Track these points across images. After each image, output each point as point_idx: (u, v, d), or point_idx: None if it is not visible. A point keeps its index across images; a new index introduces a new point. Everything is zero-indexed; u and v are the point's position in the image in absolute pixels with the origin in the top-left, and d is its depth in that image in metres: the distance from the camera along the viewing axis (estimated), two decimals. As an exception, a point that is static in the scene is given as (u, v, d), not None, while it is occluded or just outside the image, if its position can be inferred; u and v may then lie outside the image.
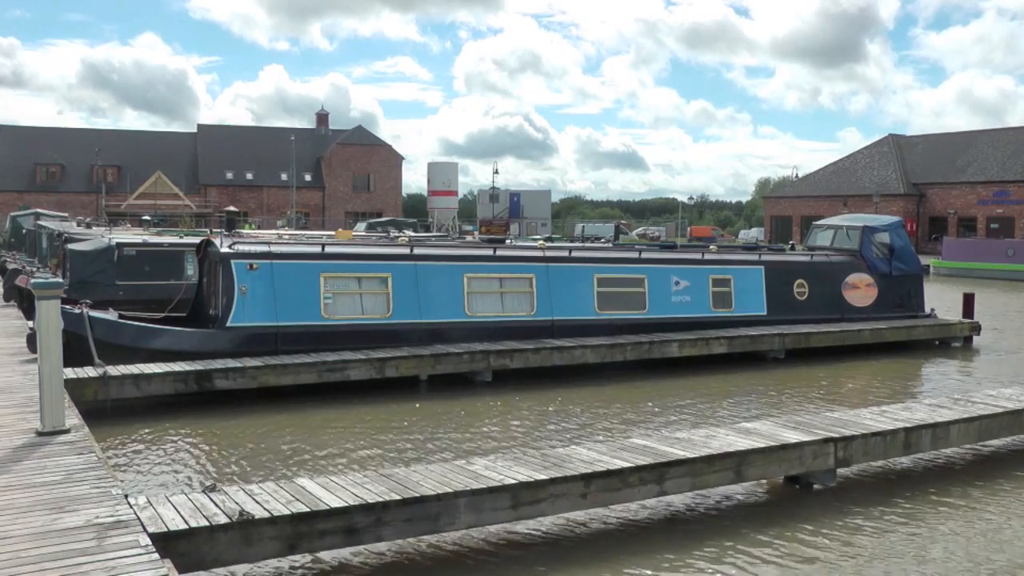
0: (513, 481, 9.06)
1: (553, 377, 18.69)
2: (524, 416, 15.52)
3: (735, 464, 10.37)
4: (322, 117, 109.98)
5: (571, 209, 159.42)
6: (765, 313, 22.85)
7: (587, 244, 30.47)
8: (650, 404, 16.72)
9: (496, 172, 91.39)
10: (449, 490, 8.74)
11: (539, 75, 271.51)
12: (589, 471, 9.47)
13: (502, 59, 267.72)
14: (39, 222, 41.09)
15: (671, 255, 22.51)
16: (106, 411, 14.58)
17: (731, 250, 25.52)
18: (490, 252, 20.25)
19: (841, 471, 11.63)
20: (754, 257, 23.51)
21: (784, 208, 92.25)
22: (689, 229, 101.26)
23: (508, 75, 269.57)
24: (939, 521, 10.27)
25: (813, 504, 10.71)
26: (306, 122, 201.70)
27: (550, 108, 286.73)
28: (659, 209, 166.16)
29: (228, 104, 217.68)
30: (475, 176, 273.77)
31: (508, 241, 27.19)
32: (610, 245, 31.87)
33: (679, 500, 10.61)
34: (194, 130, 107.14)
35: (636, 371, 19.58)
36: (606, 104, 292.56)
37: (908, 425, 11.96)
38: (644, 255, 22.03)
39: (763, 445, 10.69)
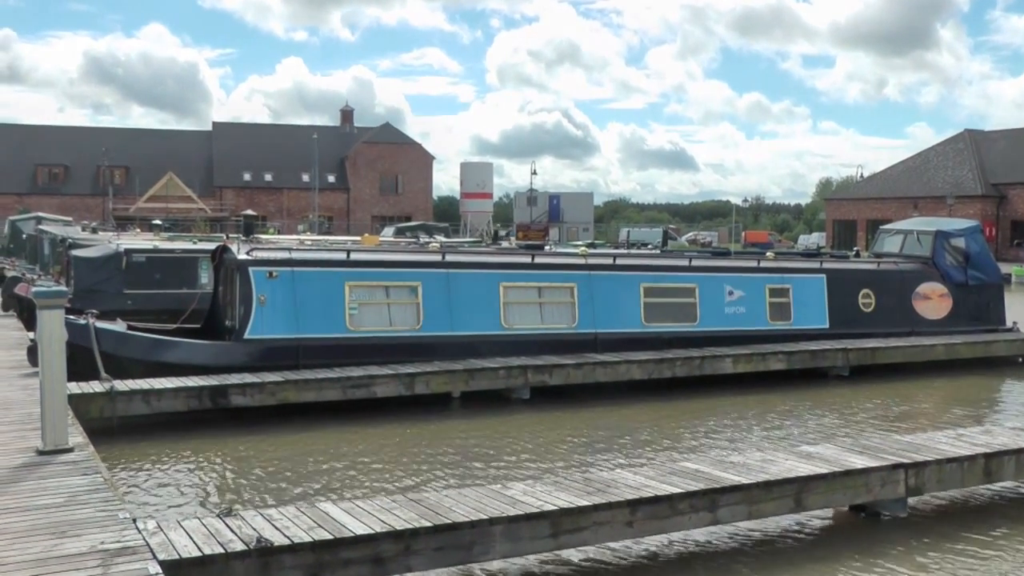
0: (553, 507, 9.03)
1: (596, 395, 18.63)
2: (565, 437, 15.48)
3: (795, 491, 10.28)
4: (347, 114, 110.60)
5: (615, 213, 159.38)
6: (827, 326, 22.68)
7: (633, 251, 30.40)
8: (701, 425, 16.63)
9: (534, 173, 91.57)
10: (484, 516, 8.71)
11: (578, 67, 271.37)
12: (635, 497, 9.42)
13: (538, 50, 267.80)
14: (40, 227, 41.56)
15: (724, 262, 22.42)
16: (113, 429, 14.66)
17: (790, 257, 25.37)
18: (528, 259, 20.25)
19: (912, 500, 11.49)
20: (815, 265, 23.35)
21: (848, 211, 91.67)
22: (743, 234, 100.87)
23: (545, 67, 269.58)
24: (1022, 560, 10.12)
25: (881, 536, 10.59)
26: (327, 119, 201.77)
27: (590, 103, 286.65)
28: (710, 212, 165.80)
29: (243, 100, 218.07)
30: (511, 177, 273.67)
31: (547, 247, 27.19)
32: (658, 252, 31.78)
33: (733, 530, 10.53)
34: (208, 128, 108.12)
35: (686, 389, 19.49)
36: (651, 98, 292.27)
37: (988, 451, 11.79)
38: (695, 262, 21.95)
39: (826, 471, 10.59)
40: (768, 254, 24.64)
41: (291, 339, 17.44)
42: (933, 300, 24.42)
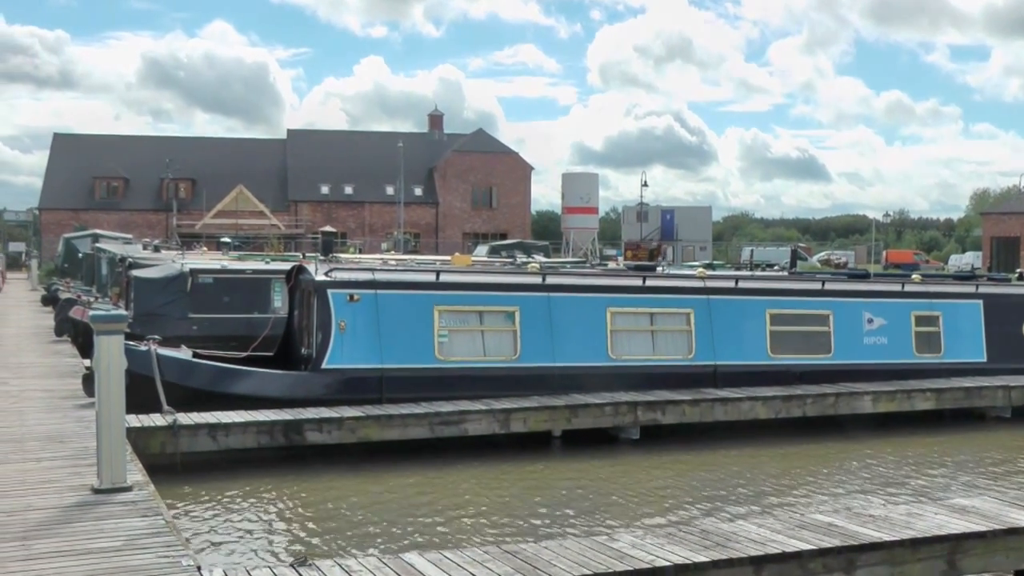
0: (666, 563, 8.95)
1: (715, 435, 18.49)
2: (679, 482, 15.37)
3: (947, 551, 10.05)
4: (435, 119, 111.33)
5: (736, 229, 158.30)
6: (984, 360, 22.23)
7: (757, 272, 30.13)
8: (836, 472, 16.40)
9: (644, 185, 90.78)
10: (587, 572, 8.67)
11: (691, 64, 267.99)
12: (760, 553, 9.29)
13: (645, 45, 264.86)
14: (98, 245, 42.59)
15: (862, 286, 22.12)
16: (175, 467, 14.93)
17: (940, 280, 24.94)
18: (638, 282, 20.19)
19: (1087, 562, 11.15)
20: (970, 289, 22.93)
21: (1008, 227, 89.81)
22: (884, 254, 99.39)
23: (653, 65, 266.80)
24: None
25: (1049, 603, 10.31)
26: (412, 125, 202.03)
27: (706, 105, 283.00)
28: (846, 229, 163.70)
29: (318, 104, 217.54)
30: (617, 189, 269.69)
31: (660, 268, 27.07)
32: (785, 273, 31.47)
33: (875, 592, 10.33)
34: (281, 136, 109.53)
35: (819, 430, 19.24)
36: (775, 99, 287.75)
37: None
38: (828, 286, 21.71)
39: (984, 528, 10.34)
40: (914, 276, 24.26)
41: (373, 369, 17.59)
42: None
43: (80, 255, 47.19)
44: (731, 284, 20.86)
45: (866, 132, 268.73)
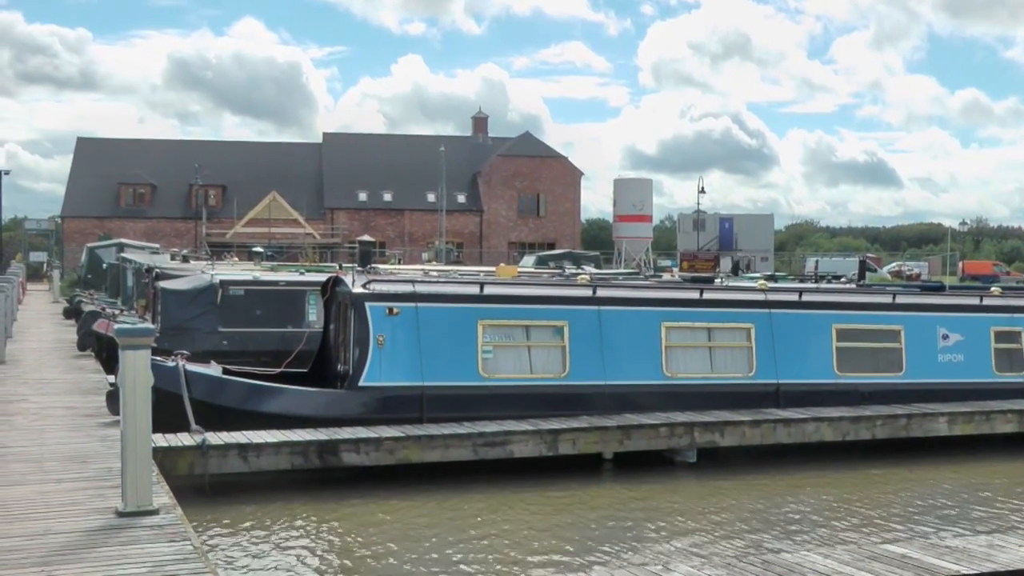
0: (726, 595, 8.90)
1: (777, 459, 18.40)
2: (738, 509, 15.30)
3: (1030, 582, 9.95)
4: (479, 122, 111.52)
5: (800, 238, 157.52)
6: (1070, 379, 21.98)
7: (823, 284, 29.97)
8: (909, 499, 16.27)
9: (701, 191, 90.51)
10: (641, 604, 8.64)
11: (749, 62, 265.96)
12: (828, 585, 9.24)
13: (700, 42, 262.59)
14: (123, 254, 42.92)
15: (937, 300, 21.98)
16: (204, 489, 15.02)
17: (1021, 293, 24.69)
18: (695, 295, 20.14)
19: None
20: (1053, 303, 22.67)
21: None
22: (961, 265, 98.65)
23: (709, 63, 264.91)
24: None
25: None
26: (453, 127, 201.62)
27: (766, 106, 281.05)
28: (918, 238, 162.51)
29: (354, 106, 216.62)
30: (672, 196, 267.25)
31: (718, 280, 26.99)
32: (853, 286, 31.28)
33: (951, 629, 10.24)
34: (315, 140, 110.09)
35: (889, 453, 19.11)
36: (840, 99, 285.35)
37: None
38: (900, 299, 21.54)
39: (1069, 558, 10.23)
40: (993, 289, 24.08)
41: (414, 387, 17.62)
42: None
43: (104, 265, 47.57)
44: (795, 297, 20.74)
45: (940, 134, 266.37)
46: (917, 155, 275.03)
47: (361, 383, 17.56)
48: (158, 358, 15.59)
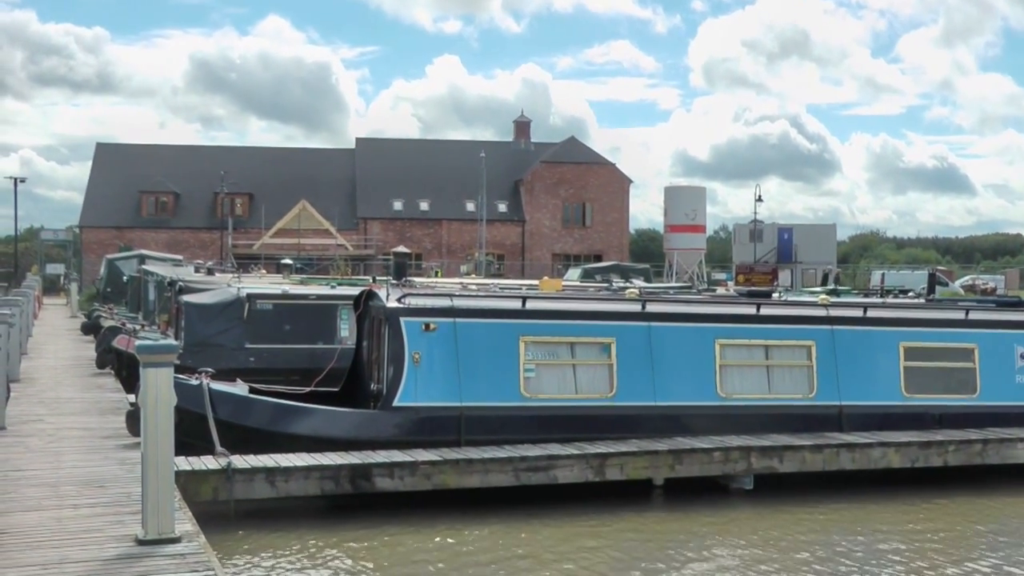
0: (785, 631, 8.86)
1: (841, 486, 18.33)
2: (799, 541, 15.24)
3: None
4: (522, 126, 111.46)
5: (865, 250, 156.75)
6: None
7: (889, 299, 29.81)
8: (986, 532, 16.16)
9: (758, 199, 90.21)
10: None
11: (808, 61, 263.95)
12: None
13: (755, 40, 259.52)
14: (144, 267, 43.18)
15: (1015, 316, 21.78)
16: (229, 515, 15.08)
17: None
18: (752, 310, 20.07)
19: None
20: None
21: None
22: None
23: (765, 63, 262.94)
24: None
25: None
26: (492, 132, 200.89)
27: (827, 108, 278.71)
28: (993, 250, 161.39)
29: (387, 110, 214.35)
30: (726, 205, 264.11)
31: (777, 295, 26.89)
32: (922, 301, 31.10)
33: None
34: (348, 145, 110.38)
35: (963, 482, 18.96)
36: (907, 100, 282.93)
37: None
38: (973, 315, 21.38)
39: None
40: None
41: (451, 408, 17.62)
42: None
43: (125, 278, 47.90)
44: (859, 313, 20.61)
45: (1016, 137, 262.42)
46: (991, 160, 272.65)
47: (395, 403, 17.57)
48: (181, 376, 15.66)
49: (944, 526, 16.29)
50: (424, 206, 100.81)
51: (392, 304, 18.15)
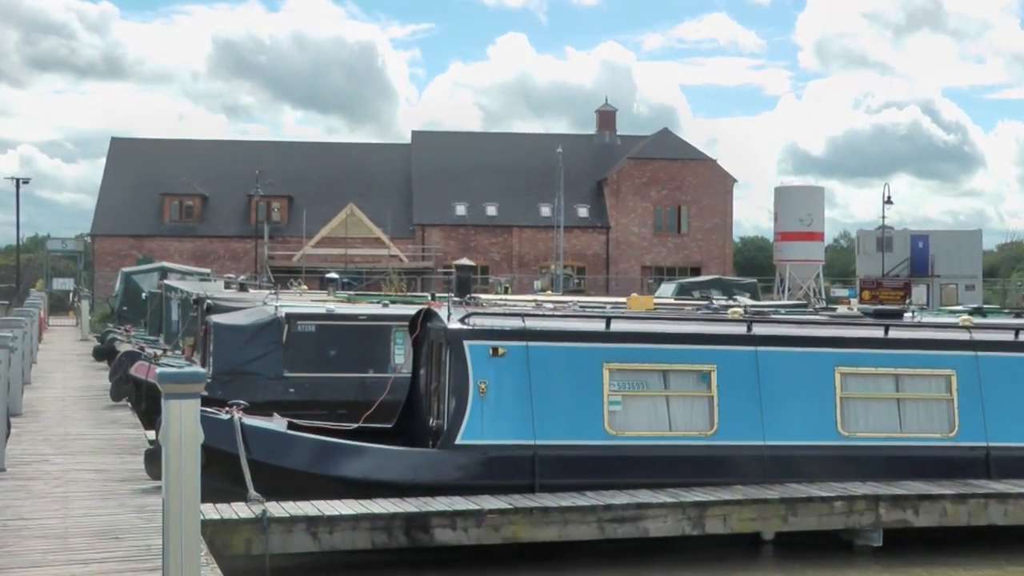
0: None
1: (989, 544, 18.16)
2: (937, 607, 15.12)
3: None
4: (606, 116, 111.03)
5: (1017, 261, 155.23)
6: None
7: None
8: None
9: (887, 201, 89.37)
10: None
11: (942, 35, 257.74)
12: None
13: (878, 11, 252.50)
14: (166, 281, 43.54)
15: None
16: (265, 570, 15.11)
17: None
18: (879, 333, 19.96)
19: None
20: None
21: None
22: None
23: (891, 38, 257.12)
24: None
25: None
26: (567, 124, 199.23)
27: (966, 92, 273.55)
28: None
29: (444, 98, 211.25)
30: (847, 207, 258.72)
31: (910, 314, 26.71)
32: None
33: None
34: (401, 140, 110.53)
35: None
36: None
37: None
38: None
39: None
40: None
41: (523, 446, 17.63)
42: None
43: (143, 295, 48.45)
44: (1009, 337, 20.46)
45: None
46: None
47: (458, 441, 17.59)
48: (209, 410, 15.78)
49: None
50: (491, 211, 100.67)
51: (454, 325, 18.19)
